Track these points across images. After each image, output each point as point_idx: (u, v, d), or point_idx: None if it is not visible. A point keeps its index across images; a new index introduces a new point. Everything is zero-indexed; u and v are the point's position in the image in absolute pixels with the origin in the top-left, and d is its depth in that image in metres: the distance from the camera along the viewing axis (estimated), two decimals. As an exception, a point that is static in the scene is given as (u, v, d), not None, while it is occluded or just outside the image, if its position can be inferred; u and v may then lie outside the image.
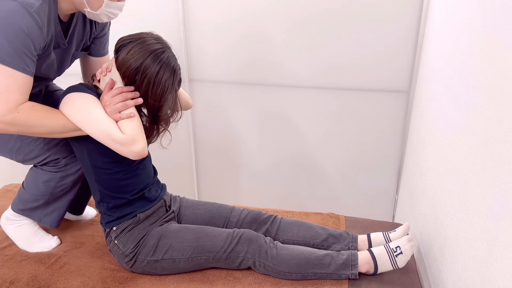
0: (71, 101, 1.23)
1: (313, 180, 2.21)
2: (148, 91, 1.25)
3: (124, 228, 1.34)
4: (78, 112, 1.21)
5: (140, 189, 1.37)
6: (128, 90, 1.25)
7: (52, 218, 1.47)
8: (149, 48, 1.23)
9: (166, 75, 1.25)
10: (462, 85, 1.19)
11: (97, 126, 1.20)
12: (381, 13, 1.79)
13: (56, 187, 1.41)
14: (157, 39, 1.28)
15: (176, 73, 1.29)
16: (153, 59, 1.23)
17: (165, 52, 1.26)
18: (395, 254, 1.31)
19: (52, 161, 1.38)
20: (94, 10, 1.25)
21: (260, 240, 1.34)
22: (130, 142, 1.21)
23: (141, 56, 1.22)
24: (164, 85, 1.26)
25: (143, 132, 1.26)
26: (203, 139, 2.25)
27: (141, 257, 1.33)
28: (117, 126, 1.22)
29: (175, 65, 1.28)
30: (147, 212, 1.37)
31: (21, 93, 1.14)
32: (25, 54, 1.13)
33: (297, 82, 1.99)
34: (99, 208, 1.37)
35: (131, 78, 1.24)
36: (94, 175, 1.32)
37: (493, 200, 0.92)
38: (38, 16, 1.13)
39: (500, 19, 0.94)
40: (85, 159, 1.32)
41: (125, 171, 1.33)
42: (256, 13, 1.90)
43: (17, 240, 1.49)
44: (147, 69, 1.23)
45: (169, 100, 1.29)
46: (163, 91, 1.26)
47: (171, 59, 1.27)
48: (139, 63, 1.22)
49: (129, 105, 1.24)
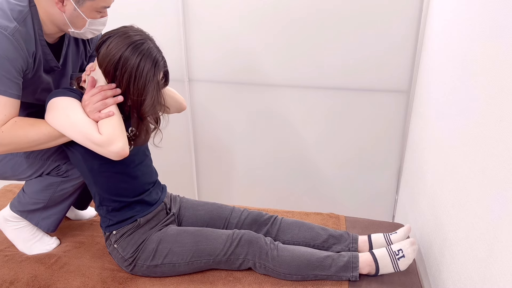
0: (52, 107, 1.21)
1: (313, 180, 2.21)
2: (130, 84, 1.21)
3: (124, 233, 1.33)
4: (58, 117, 1.19)
5: (140, 192, 1.36)
6: (108, 88, 1.21)
7: (49, 222, 1.46)
8: (128, 40, 1.20)
9: (147, 67, 1.20)
10: (462, 85, 1.19)
11: (76, 129, 1.18)
12: (381, 13, 1.79)
13: (56, 192, 1.41)
14: (137, 31, 1.24)
15: (157, 64, 1.23)
16: (132, 50, 1.19)
17: (145, 43, 1.22)
18: (397, 257, 1.31)
19: (54, 169, 1.38)
20: (78, 30, 1.25)
21: (261, 242, 1.34)
22: (108, 143, 1.17)
23: (120, 49, 1.18)
24: (146, 77, 1.21)
25: (123, 132, 1.21)
26: (203, 139, 2.25)
27: (141, 262, 1.33)
28: (96, 127, 1.19)
29: (156, 56, 1.23)
30: (147, 216, 1.36)
31: (4, 114, 1.14)
32: (5, 77, 1.13)
33: (297, 82, 1.99)
34: (99, 211, 1.36)
35: (112, 73, 1.21)
36: (92, 179, 1.31)
37: (493, 200, 0.92)
38: (14, 38, 1.13)
39: (500, 19, 0.94)
40: (80, 164, 1.30)
41: (122, 173, 1.31)
42: (256, 13, 1.90)
43: (16, 242, 1.48)
44: (127, 62, 1.19)
45: (151, 92, 1.23)
46: (145, 84, 1.21)
47: (151, 50, 1.22)
48: (119, 56, 1.18)
49: (109, 104, 1.21)
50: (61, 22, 1.22)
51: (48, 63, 1.30)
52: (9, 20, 1.14)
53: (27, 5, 1.19)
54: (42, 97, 1.35)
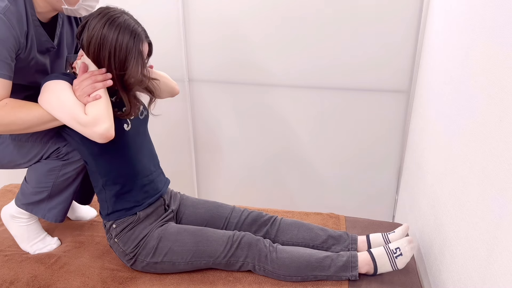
0: (45, 89, 1.22)
1: (313, 180, 2.21)
2: (111, 59, 1.21)
3: (124, 227, 1.33)
4: (49, 99, 1.21)
5: (142, 176, 1.36)
6: (98, 73, 1.22)
7: (56, 213, 1.44)
8: (104, 18, 1.20)
9: (126, 38, 1.21)
10: (462, 85, 1.19)
11: (64, 109, 1.19)
12: (381, 13, 1.79)
13: (59, 177, 1.39)
14: (111, 8, 1.25)
15: (137, 34, 1.23)
16: (109, 26, 1.20)
17: (121, 17, 1.23)
18: (395, 255, 1.31)
19: (53, 152, 1.36)
20: (72, 6, 1.24)
21: (260, 244, 1.34)
22: (93, 123, 1.18)
23: (98, 28, 1.20)
24: (126, 48, 1.21)
25: (109, 114, 1.21)
26: (203, 139, 2.25)
27: (141, 257, 1.33)
28: (83, 109, 1.20)
29: (134, 27, 1.23)
30: (147, 210, 1.36)
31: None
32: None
33: (297, 82, 1.99)
34: (100, 196, 1.36)
35: (96, 54, 1.22)
36: (93, 162, 1.32)
37: (493, 200, 0.92)
38: (5, 17, 1.12)
39: (500, 19, 0.94)
40: (80, 148, 1.31)
41: (123, 155, 1.32)
42: (256, 12, 1.90)
43: (19, 240, 1.48)
44: (106, 38, 1.20)
45: (132, 62, 1.23)
46: (126, 55, 1.22)
47: (128, 22, 1.23)
48: (98, 35, 1.20)
49: (98, 88, 1.22)
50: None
51: (42, 43, 1.29)
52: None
53: None
54: (37, 79, 1.34)
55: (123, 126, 1.31)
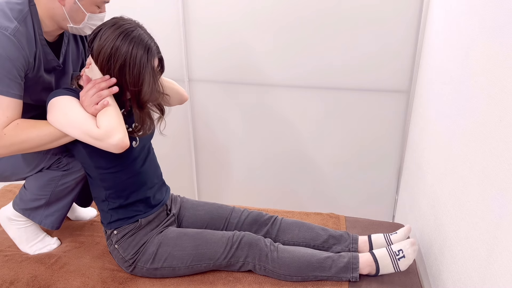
0: (52, 107, 1.21)
1: (313, 180, 2.21)
2: (125, 74, 1.20)
3: (125, 234, 1.33)
4: (57, 116, 1.19)
5: (146, 189, 1.36)
6: (101, 80, 1.20)
7: (53, 220, 1.45)
8: (118, 30, 1.19)
9: (139, 53, 1.20)
10: (462, 85, 1.19)
11: (75, 126, 1.18)
12: (381, 13, 1.79)
13: (58, 186, 1.40)
14: (126, 20, 1.23)
15: (150, 50, 1.22)
16: (123, 39, 1.18)
17: (135, 30, 1.21)
18: (398, 257, 1.31)
19: (54, 163, 1.37)
20: (77, 25, 1.25)
21: (260, 244, 1.33)
22: (106, 135, 1.16)
23: (111, 40, 1.18)
24: (140, 64, 1.20)
25: (121, 123, 1.20)
26: (203, 139, 2.25)
27: (141, 264, 1.33)
28: (94, 122, 1.18)
29: (148, 42, 1.22)
30: (148, 217, 1.36)
31: (7, 116, 1.15)
32: (7, 78, 1.13)
33: (297, 82, 1.99)
34: (102, 207, 1.35)
35: (106, 66, 1.20)
36: (98, 175, 1.31)
37: (493, 200, 0.92)
38: (15, 38, 1.13)
39: (500, 19, 0.94)
40: (86, 161, 1.30)
41: (129, 170, 1.31)
42: (256, 12, 1.90)
43: (18, 242, 1.48)
44: (119, 51, 1.18)
45: (147, 79, 1.22)
46: (139, 71, 1.20)
47: (142, 36, 1.22)
48: (111, 46, 1.18)
49: (104, 95, 1.20)
50: (61, 17, 1.22)
51: (49, 62, 1.30)
52: (9, 20, 1.14)
53: (27, 4, 1.19)
54: (42, 97, 1.34)
55: (131, 143, 1.30)
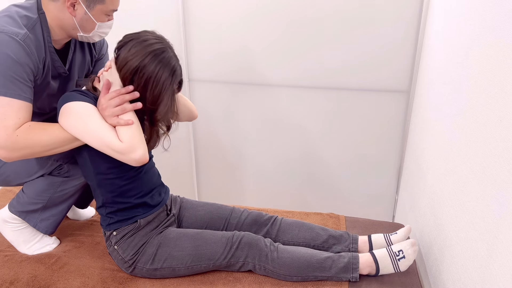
0: (67, 112, 1.20)
1: (313, 180, 2.21)
2: (146, 91, 1.22)
3: (124, 234, 1.33)
4: (74, 123, 1.19)
5: (144, 193, 1.36)
6: (126, 92, 1.21)
7: (48, 224, 1.44)
8: (149, 48, 1.20)
9: (165, 75, 1.22)
10: (462, 84, 1.19)
11: (95, 136, 1.18)
12: (381, 13, 1.79)
13: (56, 192, 1.40)
14: (159, 38, 1.25)
15: (175, 73, 1.26)
16: (152, 58, 1.20)
17: (165, 51, 1.23)
18: (398, 258, 1.31)
19: (56, 169, 1.37)
20: (87, 33, 1.27)
21: (260, 244, 1.33)
22: (129, 150, 1.17)
23: (140, 56, 1.19)
24: (162, 85, 1.22)
25: (142, 138, 1.22)
26: (203, 139, 2.25)
27: (140, 264, 1.32)
28: (115, 133, 1.19)
29: (175, 65, 1.25)
30: (148, 218, 1.35)
31: (19, 118, 1.15)
32: (18, 81, 1.14)
33: (297, 82, 1.99)
34: (100, 211, 1.36)
35: (129, 78, 1.21)
36: (97, 181, 1.31)
37: (493, 200, 0.92)
38: (25, 44, 1.15)
39: (500, 19, 0.94)
40: (87, 165, 1.30)
41: (127, 175, 1.31)
42: (256, 12, 1.90)
43: (15, 244, 1.47)
44: (146, 68, 1.19)
45: (166, 100, 1.25)
46: (160, 91, 1.22)
47: (171, 59, 1.24)
48: (138, 62, 1.19)
49: (127, 109, 1.21)
50: (71, 26, 1.25)
51: (56, 69, 1.31)
52: (19, 27, 1.16)
53: (36, 12, 1.21)
54: (46, 104, 1.36)
55: None
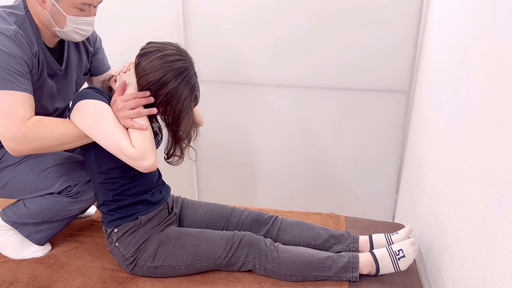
0: (81, 110, 1.21)
1: (313, 180, 2.21)
2: (166, 108, 1.24)
3: (125, 231, 1.33)
4: (88, 122, 1.20)
5: (144, 191, 1.36)
6: (142, 96, 1.21)
7: (42, 236, 1.42)
8: (172, 66, 1.21)
9: (185, 93, 1.23)
10: (462, 84, 1.19)
11: (107, 137, 1.19)
12: (381, 13, 1.79)
13: (61, 211, 1.37)
14: (182, 54, 1.25)
15: (194, 91, 1.26)
16: (174, 76, 1.21)
17: (188, 70, 1.23)
18: (398, 257, 1.31)
19: (64, 190, 1.34)
20: (62, 28, 1.26)
21: (261, 243, 1.34)
22: (140, 158, 1.18)
23: (162, 70, 1.20)
24: (183, 103, 1.23)
25: (154, 146, 1.23)
26: (203, 139, 2.25)
27: (141, 262, 1.33)
28: (128, 138, 1.19)
29: (195, 84, 1.26)
30: (149, 215, 1.35)
31: (25, 109, 1.16)
32: (15, 73, 1.15)
33: (297, 82, 1.99)
34: (101, 209, 1.36)
35: (147, 87, 1.22)
36: (99, 179, 1.32)
37: (493, 200, 0.92)
38: (16, 38, 1.17)
39: (500, 19, 0.94)
40: (92, 163, 1.31)
41: (129, 175, 1.32)
42: (256, 13, 1.90)
43: (3, 249, 1.44)
44: (167, 85, 1.20)
45: (187, 118, 1.26)
46: (181, 109, 1.24)
47: (192, 77, 1.24)
48: (160, 76, 1.20)
49: (143, 114, 1.21)
50: (46, 21, 1.25)
51: (50, 66, 1.31)
52: (9, 24, 1.18)
53: (23, 10, 1.23)
54: (47, 103, 1.36)
55: None
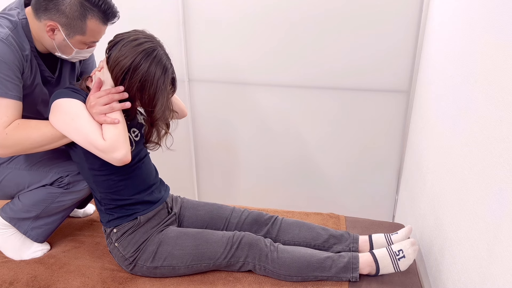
0: (56, 109, 1.21)
1: (313, 180, 2.21)
2: (141, 92, 1.23)
3: (125, 231, 1.33)
4: (62, 120, 1.20)
5: (141, 190, 1.36)
6: (116, 92, 1.21)
7: (39, 232, 1.42)
8: (140, 48, 1.21)
9: (157, 74, 1.22)
10: (462, 85, 1.19)
11: (80, 133, 1.18)
12: (381, 13, 1.79)
13: (54, 202, 1.38)
14: (149, 37, 1.25)
15: (167, 71, 1.26)
16: (143, 58, 1.20)
17: (156, 50, 1.23)
18: (398, 257, 1.31)
19: (56, 181, 1.36)
20: (65, 55, 1.30)
21: (261, 244, 1.34)
22: (111, 149, 1.18)
23: (131, 55, 1.20)
24: (156, 84, 1.23)
25: (126, 139, 1.22)
26: (203, 140, 2.25)
27: (141, 262, 1.33)
28: (100, 132, 1.19)
29: (166, 63, 1.25)
30: (148, 214, 1.35)
31: (7, 116, 1.17)
32: (4, 80, 1.16)
33: (297, 82, 1.99)
34: (99, 207, 1.36)
35: (121, 78, 1.22)
36: (92, 178, 1.31)
37: (493, 200, 0.92)
38: (7, 41, 1.17)
39: (500, 19, 0.94)
40: (82, 162, 1.30)
41: (122, 172, 1.31)
42: (256, 13, 1.90)
43: (3, 249, 1.44)
44: (138, 69, 1.20)
45: (161, 99, 1.26)
46: (155, 91, 1.23)
47: (162, 57, 1.24)
48: (130, 62, 1.20)
49: (115, 108, 1.21)
50: (50, 46, 1.27)
51: (42, 73, 1.32)
52: (1, 28, 1.19)
53: (17, 16, 1.24)
54: (42, 110, 1.37)
55: None
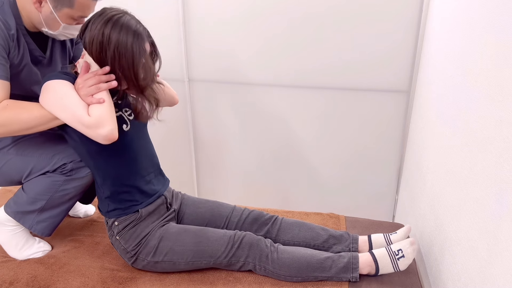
0: (46, 89, 1.22)
1: (313, 180, 2.21)
2: (119, 61, 1.22)
3: (126, 225, 1.33)
4: (51, 99, 1.21)
5: (140, 176, 1.36)
6: (102, 73, 1.22)
7: (45, 226, 1.41)
8: (106, 18, 1.21)
9: (129, 40, 1.22)
10: (462, 85, 1.19)
11: (68, 111, 1.19)
12: (381, 13, 1.79)
13: (57, 191, 1.37)
14: (113, 9, 1.25)
15: (140, 36, 1.24)
16: (112, 27, 1.20)
17: (123, 17, 1.23)
18: (397, 257, 1.31)
19: (59, 168, 1.35)
20: (52, 31, 1.28)
21: (261, 244, 1.34)
22: (96, 125, 1.18)
23: (100, 29, 1.20)
24: (132, 50, 1.22)
25: (112, 116, 1.22)
26: (203, 139, 2.25)
27: (142, 256, 1.34)
28: (87, 110, 1.20)
29: (136, 27, 1.24)
30: (148, 208, 1.36)
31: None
32: None
33: (298, 82, 1.99)
34: (99, 193, 1.36)
35: (100, 55, 1.22)
36: (91, 161, 1.32)
37: (493, 200, 0.92)
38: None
39: (500, 19, 0.94)
40: (79, 147, 1.31)
41: (121, 155, 1.31)
42: (256, 12, 1.90)
43: (6, 247, 1.44)
44: (110, 39, 1.20)
45: (141, 64, 1.25)
46: (132, 56, 1.22)
47: (130, 22, 1.23)
48: (101, 36, 1.20)
49: (102, 88, 1.22)
50: (36, 20, 1.25)
51: (32, 52, 1.31)
52: None
53: None
54: (34, 91, 1.35)
55: (122, 126, 1.31)
